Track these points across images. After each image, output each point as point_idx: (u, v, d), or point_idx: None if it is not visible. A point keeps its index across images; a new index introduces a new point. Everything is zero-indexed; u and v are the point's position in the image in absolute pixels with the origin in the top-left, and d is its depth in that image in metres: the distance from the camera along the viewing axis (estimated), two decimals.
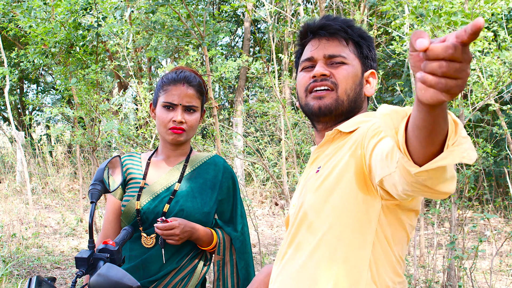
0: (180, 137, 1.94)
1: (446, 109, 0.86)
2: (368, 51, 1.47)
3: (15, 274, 4.95)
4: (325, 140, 1.40)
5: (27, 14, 5.42)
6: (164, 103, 1.93)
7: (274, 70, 7.99)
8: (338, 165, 1.29)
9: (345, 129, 1.35)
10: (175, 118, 1.90)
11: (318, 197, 1.31)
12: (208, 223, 1.99)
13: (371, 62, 1.48)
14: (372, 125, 1.24)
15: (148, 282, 1.91)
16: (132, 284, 1.38)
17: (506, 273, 5.13)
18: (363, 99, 1.45)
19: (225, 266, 2.02)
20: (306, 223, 1.34)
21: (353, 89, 1.41)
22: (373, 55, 1.48)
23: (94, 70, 5.64)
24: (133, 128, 7.51)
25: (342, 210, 1.27)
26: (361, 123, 1.34)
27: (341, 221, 1.27)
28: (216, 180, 2.02)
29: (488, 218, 3.57)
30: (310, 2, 11.03)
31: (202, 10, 4.70)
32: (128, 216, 1.95)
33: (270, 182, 8.64)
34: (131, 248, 1.96)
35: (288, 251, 1.38)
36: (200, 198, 1.96)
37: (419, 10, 3.62)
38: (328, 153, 1.37)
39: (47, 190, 8.95)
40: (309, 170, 1.43)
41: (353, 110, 1.42)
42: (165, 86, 1.95)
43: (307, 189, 1.37)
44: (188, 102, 1.93)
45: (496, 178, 7.72)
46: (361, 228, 1.25)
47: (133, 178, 2.01)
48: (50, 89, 13.49)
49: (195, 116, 1.95)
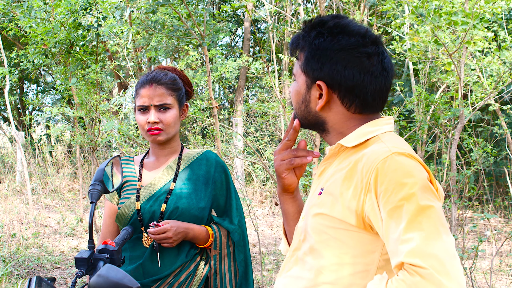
0: (159, 137, 1.96)
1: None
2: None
3: (15, 274, 4.95)
4: (329, 155, 1.38)
5: (27, 14, 5.41)
6: (137, 107, 1.97)
7: (274, 70, 7.99)
8: (338, 201, 1.26)
9: (348, 144, 1.32)
10: (149, 119, 1.93)
11: (319, 225, 1.29)
12: (204, 219, 1.99)
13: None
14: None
15: (151, 281, 1.91)
16: (132, 285, 1.38)
17: (506, 273, 5.12)
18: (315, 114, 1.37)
19: (222, 260, 2.02)
20: (308, 245, 1.33)
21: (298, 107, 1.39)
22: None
23: (94, 70, 5.64)
24: (133, 128, 7.50)
25: (342, 245, 1.26)
26: (366, 135, 1.31)
27: (341, 252, 1.26)
28: (209, 175, 2.03)
29: (488, 218, 3.57)
30: (310, 2, 11.03)
31: (203, 10, 4.69)
32: (123, 218, 1.96)
33: (270, 182, 8.63)
34: (133, 249, 1.97)
35: (293, 267, 1.37)
36: (195, 195, 1.98)
37: (419, 10, 3.61)
38: (333, 172, 1.33)
39: (47, 190, 8.95)
40: (316, 185, 1.39)
41: (317, 124, 1.38)
42: (138, 90, 1.99)
43: (309, 210, 1.35)
44: (158, 101, 1.94)
45: (496, 178, 7.71)
46: (364, 260, 1.24)
47: (128, 181, 2.03)
48: (50, 89, 13.48)
49: (170, 113, 1.96)
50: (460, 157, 5.29)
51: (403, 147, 1.23)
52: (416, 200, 1.13)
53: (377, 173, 1.18)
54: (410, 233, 1.11)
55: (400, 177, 1.15)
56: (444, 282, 1.06)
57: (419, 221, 1.11)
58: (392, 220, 1.14)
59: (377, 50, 1.32)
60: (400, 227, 1.12)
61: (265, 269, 5.20)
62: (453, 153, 4.07)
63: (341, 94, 1.32)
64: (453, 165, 4.13)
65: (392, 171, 1.16)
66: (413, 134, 5.26)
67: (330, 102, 1.33)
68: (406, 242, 1.10)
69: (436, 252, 1.08)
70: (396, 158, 1.18)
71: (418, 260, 1.08)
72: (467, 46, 4.10)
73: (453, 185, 4.20)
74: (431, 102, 4.74)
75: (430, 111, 4.88)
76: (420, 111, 5.05)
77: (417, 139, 5.35)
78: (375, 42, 1.33)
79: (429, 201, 1.14)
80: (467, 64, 5.34)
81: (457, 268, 1.09)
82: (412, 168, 1.17)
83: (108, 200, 2.06)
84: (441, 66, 5.61)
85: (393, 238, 1.14)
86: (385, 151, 1.20)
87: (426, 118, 4.86)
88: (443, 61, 4.69)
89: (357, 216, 1.22)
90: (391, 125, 1.36)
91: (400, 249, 1.11)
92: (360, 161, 1.24)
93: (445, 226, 1.13)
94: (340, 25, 1.33)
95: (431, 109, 4.85)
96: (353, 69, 1.29)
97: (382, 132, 1.32)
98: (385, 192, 1.15)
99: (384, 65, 1.33)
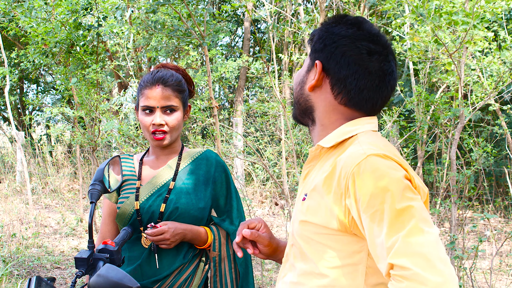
0: (164, 142, 1.94)
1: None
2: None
3: (15, 274, 4.95)
4: (311, 157, 1.39)
5: (28, 13, 5.41)
6: (142, 107, 1.94)
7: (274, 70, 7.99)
8: (320, 207, 1.27)
9: (326, 144, 1.33)
10: (154, 121, 1.91)
11: (304, 231, 1.30)
12: (204, 219, 1.98)
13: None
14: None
15: (151, 282, 1.90)
16: (132, 284, 1.38)
17: (506, 273, 5.12)
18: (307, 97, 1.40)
19: (221, 262, 2.01)
20: (297, 250, 1.34)
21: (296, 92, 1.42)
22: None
23: (94, 70, 5.64)
24: (133, 128, 7.51)
25: (328, 249, 1.26)
26: (344, 135, 1.31)
27: (329, 256, 1.27)
28: (209, 175, 2.02)
29: (488, 218, 3.57)
30: (310, 2, 11.02)
31: (203, 10, 4.69)
32: (123, 218, 1.95)
33: (270, 182, 8.63)
34: (131, 249, 1.96)
35: (287, 273, 1.38)
36: (194, 195, 1.96)
37: (419, 10, 3.61)
38: (314, 176, 1.34)
39: (47, 190, 8.95)
40: (301, 190, 1.40)
41: (307, 110, 1.40)
42: (142, 90, 1.95)
43: (295, 217, 1.36)
44: (165, 103, 1.92)
45: (496, 178, 7.71)
46: (352, 260, 1.25)
47: (127, 180, 2.01)
48: (50, 89, 13.48)
49: (175, 115, 1.94)
50: (460, 157, 5.29)
51: (379, 147, 1.23)
52: (393, 201, 1.14)
53: (354, 178, 1.18)
54: (393, 236, 1.12)
55: (375, 181, 1.16)
56: (431, 278, 1.07)
57: (400, 221, 1.12)
58: (374, 224, 1.15)
59: (382, 51, 1.32)
60: (383, 232, 1.14)
61: (265, 269, 5.21)
62: (453, 153, 4.07)
63: (332, 81, 1.33)
64: (453, 165, 4.13)
65: (368, 175, 1.17)
66: (413, 134, 5.26)
67: (322, 87, 1.35)
68: (390, 245, 1.12)
69: (418, 249, 1.09)
70: (370, 160, 1.18)
71: (402, 260, 1.10)
72: (467, 46, 4.10)
73: (453, 185, 4.20)
74: (431, 102, 4.74)
75: (430, 111, 4.88)
76: (420, 111, 5.05)
77: (417, 139, 5.35)
78: (383, 44, 1.34)
79: (407, 201, 1.14)
80: (467, 64, 5.34)
81: (443, 258, 1.10)
82: (387, 169, 1.17)
83: (107, 198, 2.04)
84: (441, 66, 5.61)
85: (378, 242, 1.15)
86: (360, 154, 1.20)
87: (426, 118, 4.86)
88: (443, 61, 4.68)
89: (339, 221, 1.23)
90: (373, 124, 1.35)
91: (386, 252, 1.13)
92: (337, 165, 1.25)
93: (427, 220, 1.14)
94: (358, 20, 1.36)
95: (431, 109, 4.85)
96: (349, 57, 1.30)
97: (361, 131, 1.31)
98: (364, 197, 1.16)
99: (384, 67, 1.32)
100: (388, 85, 1.34)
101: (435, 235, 1.12)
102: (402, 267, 1.10)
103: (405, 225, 1.12)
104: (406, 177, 1.19)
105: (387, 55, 1.33)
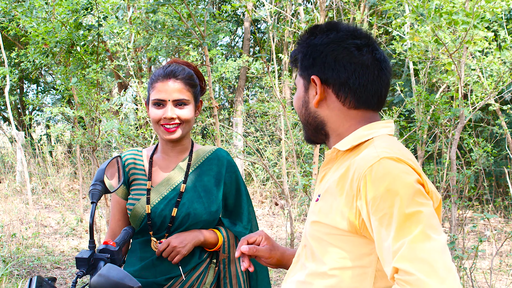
0: (175, 135, 1.90)
1: None
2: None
3: (15, 274, 4.95)
4: (327, 160, 1.39)
5: (29, 13, 5.41)
6: (153, 101, 1.90)
7: (274, 70, 7.99)
8: (332, 207, 1.27)
9: (342, 147, 1.33)
10: (165, 115, 1.87)
11: (316, 232, 1.31)
12: (215, 221, 1.97)
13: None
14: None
15: (164, 279, 1.90)
16: (133, 284, 1.38)
17: (506, 273, 5.13)
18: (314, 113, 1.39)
19: (231, 264, 1.99)
20: (309, 251, 1.34)
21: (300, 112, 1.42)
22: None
23: (94, 70, 5.63)
24: (133, 128, 7.51)
25: (339, 250, 1.27)
26: (360, 138, 1.31)
27: (339, 257, 1.27)
28: (220, 176, 2.00)
29: (488, 218, 3.57)
30: (310, 2, 11.02)
31: (203, 10, 4.69)
32: (135, 220, 1.93)
33: (270, 182, 8.63)
34: (143, 250, 1.95)
35: (297, 273, 1.38)
36: (206, 198, 1.93)
37: (419, 10, 3.61)
38: (330, 178, 1.34)
39: (47, 190, 8.94)
40: (316, 191, 1.41)
41: (317, 126, 1.39)
42: (154, 83, 1.92)
43: (308, 217, 1.37)
44: (177, 96, 1.88)
45: (496, 178, 7.71)
46: (362, 262, 1.25)
47: (136, 179, 1.98)
48: (50, 89, 13.47)
49: (187, 109, 1.91)
50: (460, 157, 5.29)
51: (393, 151, 1.22)
52: (403, 206, 1.13)
53: (366, 181, 1.18)
54: (399, 240, 1.12)
55: (387, 184, 1.15)
56: (433, 285, 1.07)
57: (407, 226, 1.12)
58: (382, 228, 1.15)
59: (367, 42, 1.34)
60: (390, 235, 1.14)
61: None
62: (453, 153, 4.07)
63: (335, 88, 1.33)
64: (453, 165, 4.13)
65: (380, 178, 1.17)
66: (413, 134, 5.26)
67: (327, 98, 1.35)
68: (396, 249, 1.12)
69: (423, 255, 1.09)
70: (383, 163, 1.18)
71: (406, 265, 1.10)
72: (468, 46, 4.10)
73: (453, 185, 4.20)
74: (431, 102, 4.74)
75: (430, 111, 4.88)
76: (420, 111, 5.05)
77: (417, 139, 5.36)
78: (365, 36, 1.35)
79: (417, 206, 1.14)
80: (467, 64, 5.34)
81: (447, 266, 1.09)
82: (399, 173, 1.17)
83: (115, 194, 1.99)
84: (441, 66, 5.61)
85: (385, 246, 1.16)
86: (374, 157, 1.20)
87: (426, 118, 4.87)
88: (443, 61, 4.69)
89: (349, 222, 1.23)
90: (390, 128, 1.35)
91: (392, 256, 1.14)
92: (351, 167, 1.25)
93: (435, 227, 1.14)
94: (331, 25, 1.36)
95: (431, 109, 4.85)
96: (343, 60, 1.31)
97: (377, 135, 1.31)
98: (374, 200, 1.16)
99: (376, 56, 1.33)
100: (386, 71, 1.36)
101: (442, 243, 1.12)
102: (406, 271, 1.10)
103: (412, 230, 1.12)
104: (419, 182, 1.18)
105: (373, 44, 1.35)
